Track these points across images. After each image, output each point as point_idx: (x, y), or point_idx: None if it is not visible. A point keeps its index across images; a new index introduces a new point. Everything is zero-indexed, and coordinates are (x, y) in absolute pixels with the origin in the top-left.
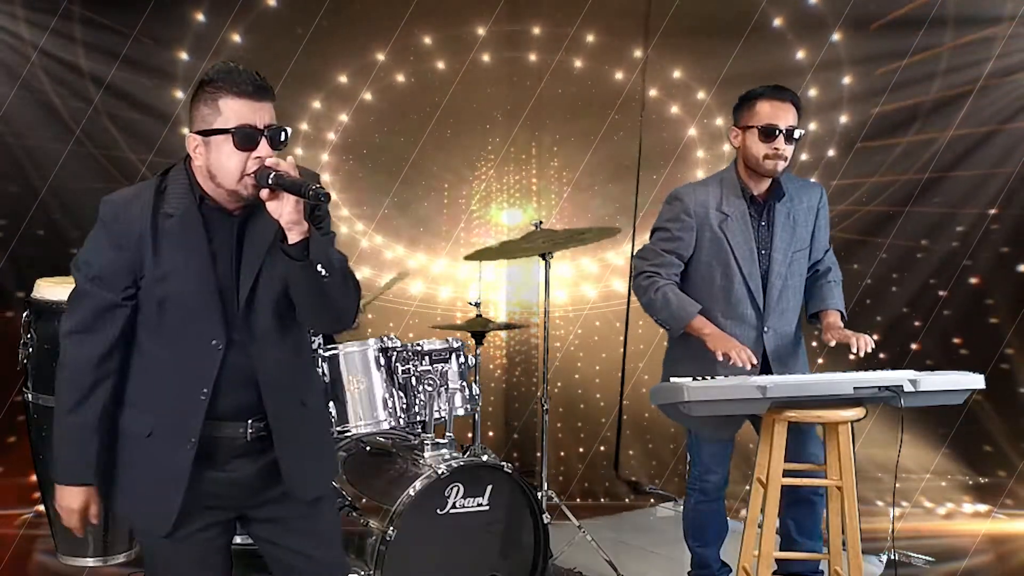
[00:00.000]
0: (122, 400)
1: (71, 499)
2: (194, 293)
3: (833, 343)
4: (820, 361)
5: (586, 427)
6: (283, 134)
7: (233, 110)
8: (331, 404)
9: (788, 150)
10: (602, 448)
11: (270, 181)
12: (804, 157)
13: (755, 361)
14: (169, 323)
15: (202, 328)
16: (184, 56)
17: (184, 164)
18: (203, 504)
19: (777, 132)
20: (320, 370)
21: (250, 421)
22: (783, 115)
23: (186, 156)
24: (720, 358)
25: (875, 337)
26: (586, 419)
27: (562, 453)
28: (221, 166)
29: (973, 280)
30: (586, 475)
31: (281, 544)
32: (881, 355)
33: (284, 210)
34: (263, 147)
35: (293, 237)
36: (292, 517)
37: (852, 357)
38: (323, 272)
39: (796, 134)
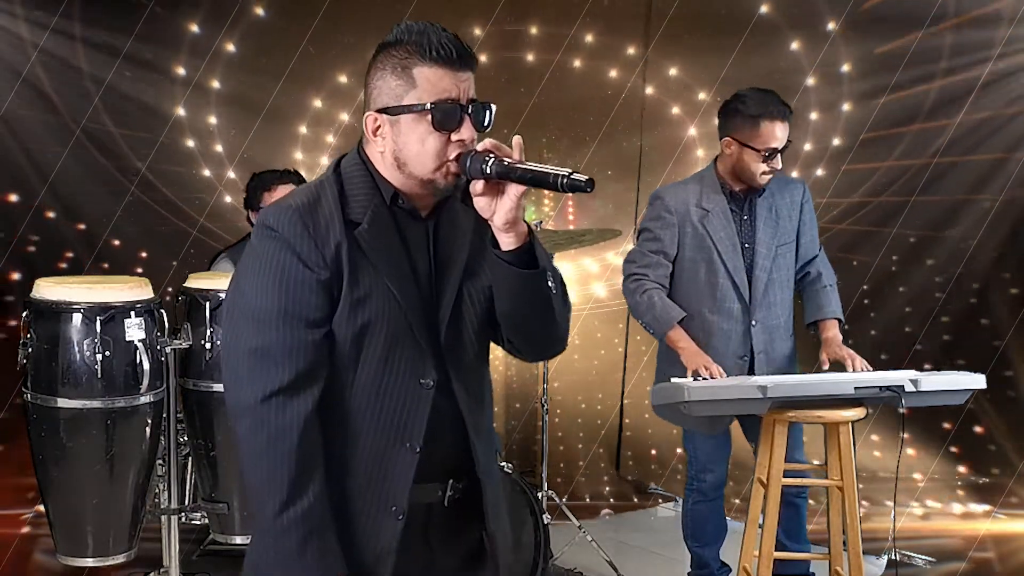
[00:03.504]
0: None
1: None
2: (398, 317)
3: (826, 366)
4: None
5: (586, 427)
6: (487, 113)
7: (431, 81)
8: None
9: (780, 163)
10: (602, 448)
11: (490, 170)
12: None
13: (724, 375)
14: (369, 357)
15: (408, 362)
16: (184, 56)
17: (358, 154)
18: None
19: (777, 153)
20: None
21: (451, 482)
22: (783, 135)
23: (357, 144)
24: (690, 376)
25: (873, 333)
26: (586, 419)
27: (562, 452)
28: (413, 152)
29: (973, 281)
30: (586, 475)
31: None
32: (882, 356)
33: (502, 208)
34: (467, 128)
35: (510, 242)
36: None
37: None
38: (551, 283)
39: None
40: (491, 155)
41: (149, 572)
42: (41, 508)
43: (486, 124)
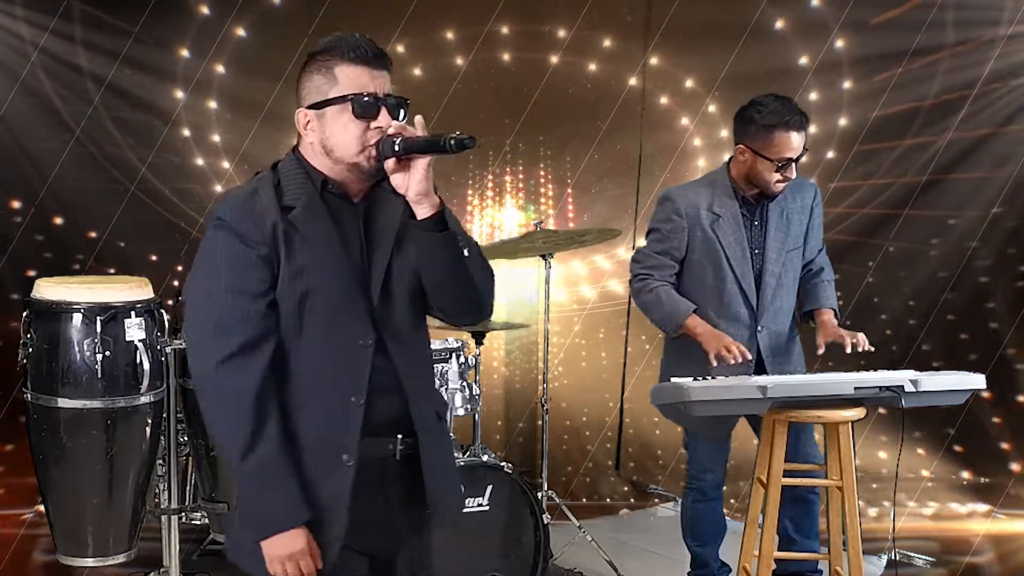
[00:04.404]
0: None
1: (290, 544)
2: (334, 285)
3: (822, 350)
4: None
5: (586, 427)
6: (401, 108)
7: (350, 77)
8: None
9: (794, 172)
10: (602, 448)
11: (397, 148)
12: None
13: (748, 356)
14: (312, 323)
15: (348, 325)
16: (185, 55)
17: (294, 153)
18: (356, 544)
19: (791, 163)
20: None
21: (400, 436)
22: (798, 144)
23: (295, 145)
24: (712, 360)
25: (885, 333)
26: (586, 419)
27: (562, 452)
28: (338, 139)
29: (973, 281)
30: (586, 475)
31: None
32: (889, 348)
33: (412, 181)
34: (383, 116)
35: (424, 211)
36: (431, 543)
37: (848, 351)
38: (461, 244)
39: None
40: (399, 136)
41: (149, 572)
42: (41, 508)
43: (400, 117)
